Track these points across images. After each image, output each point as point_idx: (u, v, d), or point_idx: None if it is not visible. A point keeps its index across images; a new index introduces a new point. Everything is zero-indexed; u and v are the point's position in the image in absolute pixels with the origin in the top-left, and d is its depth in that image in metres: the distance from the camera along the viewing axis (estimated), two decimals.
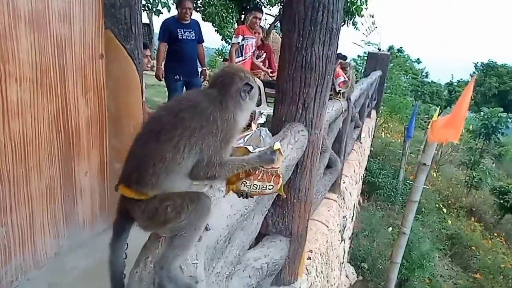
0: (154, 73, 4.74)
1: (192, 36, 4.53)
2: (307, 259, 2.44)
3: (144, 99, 3.31)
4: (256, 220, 1.38)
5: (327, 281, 3.01)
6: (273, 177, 0.96)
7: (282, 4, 7.03)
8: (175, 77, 4.54)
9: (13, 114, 1.78)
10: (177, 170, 0.79)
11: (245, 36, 4.76)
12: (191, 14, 4.52)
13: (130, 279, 0.66)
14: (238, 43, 4.78)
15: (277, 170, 0.96)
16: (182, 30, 4.44)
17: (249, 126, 1.05)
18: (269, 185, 0.96)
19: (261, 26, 6.39)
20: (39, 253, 2.03)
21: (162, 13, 7.50)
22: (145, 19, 12.35)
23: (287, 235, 1.98)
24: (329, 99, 2.79)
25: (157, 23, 12.47)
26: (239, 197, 0.96)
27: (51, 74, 1.94)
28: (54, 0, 1.89)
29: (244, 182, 0.94)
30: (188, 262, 0.70)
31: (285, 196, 1.36)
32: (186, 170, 0.81)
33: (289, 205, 1.95)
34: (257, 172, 0.94)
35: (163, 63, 4.59)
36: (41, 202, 2.01)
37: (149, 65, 3.97)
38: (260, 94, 1.00)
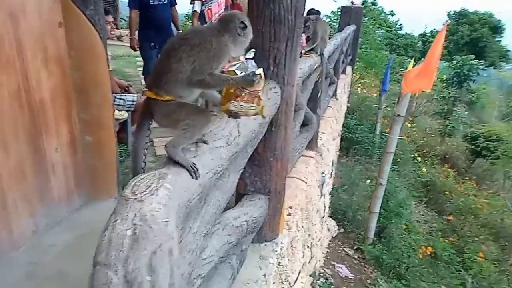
0: (123, 43, 4.49)
1: (165, 0, 4.26)
2: (287, 215, 2.51)
3: (110, 69, 3.20)
4: (231, 179, 1.40)
5: (309, 234, 3.13)
6: (255, 99, 1.18)
7: None
8: (151, 45, 4.29)
9: None
10: (180, 78, 1.05)
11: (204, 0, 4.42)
12: None
13: (99, 241, 0.67)
14: (195, 11, 4.49)
15: (258, 93, 1.18)
16: None
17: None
18: (252, 106, 1.18)
19: None
20: (15, 234, 2.00)
21: None
22: None
23: (266, 193, 2.01)
24: (300, 56, 2.75)
25: None
26: (229, 117, 1.22)
27: (6, 47, 1.82)
28: None
29: (232, 103, 1.18)
30: (158, 220, 0.70)
31: (265, 117, 1.56)
32: (185, 77, 1.06)
33: (266, 163, 1.97)
34: (242, 94, 1.16)
35: (137, 31, 4.34)
36: (11, 181, 1.95)
37: (113, 33, 3.79)
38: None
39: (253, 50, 1.32)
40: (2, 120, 1.85)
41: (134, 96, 3.63)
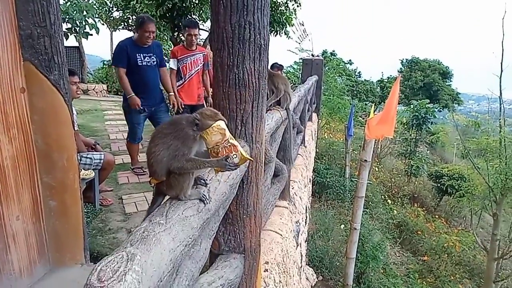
0: (90, 97, 4.44)
1: (153, 62, 4.05)
2: (264, 271, 2.44)
3: (76, 129, 3.15)
4: (203, 246, 1.36)
5: None
6: (232, 148, 1.25)
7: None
8: (139, 110, 4.03)
9: None
10: (161, 165, 1.21)
11: (179, 57, 4.53)
12: (153, 38, 4.04)
13: None
14: (172, 68, 4.57)
15: (229, 142, 1.25)
16: (141, 55, 3.96)
17: None
18: (233, 155, 1.25)
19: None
20: None
21: (91, 35, 7.19)
22: (73, 42, 11.79)
23: (241, 251, 1.96)
24: (267, 110, 2.84)
25: (86, 45, 11.96)
26: (225, 171, 1.31)
27: None
28: None
29: None
30: None
31: (253, 160, 1.61)
32: (166, 161, 1.21)
33: (239, 221, 1.94)
34: (220, 151, 1.25)
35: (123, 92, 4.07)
36: None
37: (79, 93, 3.77)
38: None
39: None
40: None
41: (101, 154, 3.56)
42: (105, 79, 13.91)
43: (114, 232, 3.11)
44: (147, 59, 4.01)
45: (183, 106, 4.55)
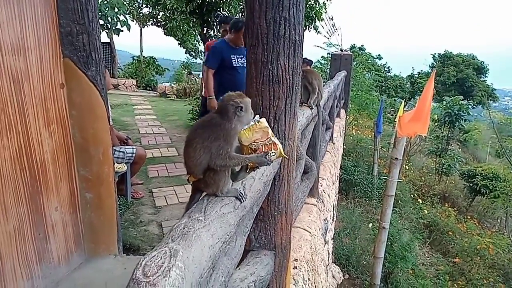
0: (120, 92, 4.56)
1: (244, 63, 4.08)
2: (293, 268, 2.43)
3: (111, 124, 3.23)
4: (239, 243, 1.36)
5: (315, 286, 3.01)
6: (271, 145, 1.28)
7: (243, 14, 7.08)
8: None
9: None
10: (200, 163, 1.23)
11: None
12: None
13: None
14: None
15: (270, 140, 1.28)
16: (236, 56, 4.01)
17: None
18: (271, 153, 1.27)
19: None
20: None
21: (122, 31, 7.36)
22: (105, 38, 12.11)
23: (271, 248, 1.96)
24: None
25: (116, 40, 12.28)
26: (257, 169, 1.36)
27: (9, 110, 1.85)
28: (6, 33, 1.80)
29: None
30: None
31: (287, 157, 1.68)
32: (206, 163, 1.23)
33: (270, 218, 1.94)
34: (260, 147, 1.28)
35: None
36: (10, 245, 1.90)
37: (110, 88, 3.86)
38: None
39: (257, 115, 1.40)
40: (3, 184, 1.83)
41: (133, 148, 3.65)
42: (134, 74, 14.23)
43: (145, 225, 3.19)
44: (240, 60, 4.05)
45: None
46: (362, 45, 25.26)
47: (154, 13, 11.04)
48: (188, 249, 0.86)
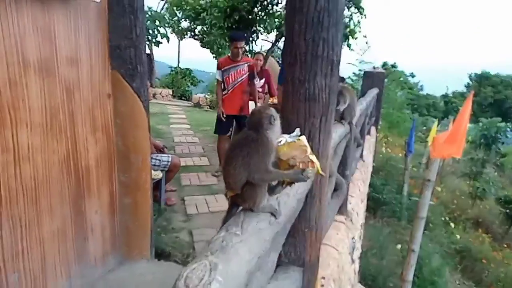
0: (156, 101, 4.77)
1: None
2: (320, 286, 2.42)
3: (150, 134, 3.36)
4: (271, 258, 1.39)
5: None
6: (309, 163, 1.30)
7: (278, 30, 7.19)
8: None
9: (24, 159, 1.81)
10: (239, 179, 1.26)
11: (223, 68, 4.67)
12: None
13: None
14: (217, 79, 4.80)
15: (309, 157, 1.30)
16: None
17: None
18: (309, 170, 1.29)
19: (260, 53, 6.51)
20: None
21: (161, 43, 7.65)
22: (145, 50, 12.57)
23: (300, 264, 1.97)
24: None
25: (155, 52, 12.74)
26: (293, 184, 1.37)
27: (60, 117, 1.99)
28: (62, 46, 1.95)
29: None
30: None
31: (324, 175, 1.71)
32: (245, 178, 1.26)
33: (300, 234, 1.95)
34: (297, 164, 1.30)
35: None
36: (52, 244, 2.02)
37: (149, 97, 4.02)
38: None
39: (298, 128, 1.41)
40: (50, 186, 1.95)
41: (168, 156, 3.77)
42: (171, 84, 14.69)
43: (176, 232, 3.27)
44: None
45: (224, 116, 4.73)
46: (395, 63, 24.88)
47: (192, 27, 11.42)
48: (226, 263, 0.90)
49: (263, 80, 5.87)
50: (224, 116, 4.73)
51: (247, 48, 7.32)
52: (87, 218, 2.24)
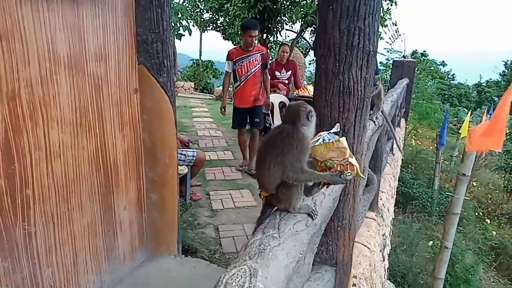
0: (179, 94, 4.72)
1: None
2: (352, 286, 2.34)
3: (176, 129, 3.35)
4: (307, 261, 1.33)
5: None
6: (348, 166, 1.24)
7: (303, 20, 7.03)
8: None
9: (55, 156, 1.82)
10: (273, 179, 1.22)
11: (235, 59, 4.45)
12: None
13: None
14: (227, 71, 4.60)
15: (348, 160, 1.24)
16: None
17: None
18: (347, 173, 1.23)
19: (286, 44, 6.38)
20: None
21: (184, 35, 7.64)
22: None
23: (332, 264, 1.90)
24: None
25: (177, 44, 12.78)
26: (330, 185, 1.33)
27: (89, 114, 1.98)
28: (91, 41, 1.94)
29: None
30: None
31: (363, 177, 1.66)
32: (279, 178, 1.21)
33: (333, 233, 1.88)
34: (335, 166, 1.24)
35: None
36: (83, 239, 2.03)
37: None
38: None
39: (338, 124, 1.33)
40: (80, 182, 1.96)
41: (193, 151, 3.75)
42: (193, 77, 14.70)
43: (202, 227, 3.25)
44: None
45: (225, 112, 4.75)
46: (425, 51, 24.00)
47: (214, 18, 11.36)
48: (266, 269, 0.85)
49: (289, 72, 5.76)
50: (225, 112, 4.78)
51: (271, 39, 7.21)
52: (116, 214, 2.24)
